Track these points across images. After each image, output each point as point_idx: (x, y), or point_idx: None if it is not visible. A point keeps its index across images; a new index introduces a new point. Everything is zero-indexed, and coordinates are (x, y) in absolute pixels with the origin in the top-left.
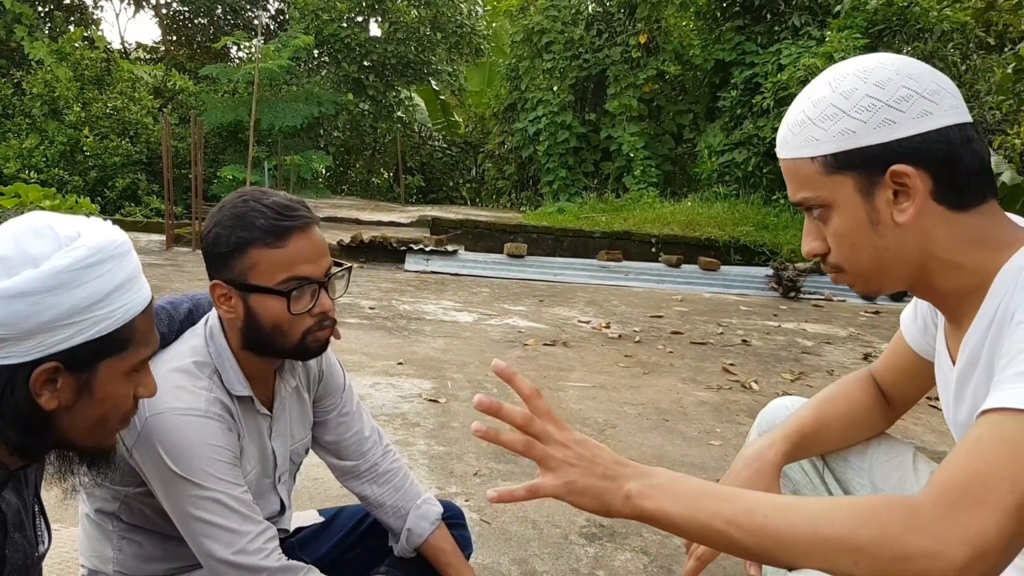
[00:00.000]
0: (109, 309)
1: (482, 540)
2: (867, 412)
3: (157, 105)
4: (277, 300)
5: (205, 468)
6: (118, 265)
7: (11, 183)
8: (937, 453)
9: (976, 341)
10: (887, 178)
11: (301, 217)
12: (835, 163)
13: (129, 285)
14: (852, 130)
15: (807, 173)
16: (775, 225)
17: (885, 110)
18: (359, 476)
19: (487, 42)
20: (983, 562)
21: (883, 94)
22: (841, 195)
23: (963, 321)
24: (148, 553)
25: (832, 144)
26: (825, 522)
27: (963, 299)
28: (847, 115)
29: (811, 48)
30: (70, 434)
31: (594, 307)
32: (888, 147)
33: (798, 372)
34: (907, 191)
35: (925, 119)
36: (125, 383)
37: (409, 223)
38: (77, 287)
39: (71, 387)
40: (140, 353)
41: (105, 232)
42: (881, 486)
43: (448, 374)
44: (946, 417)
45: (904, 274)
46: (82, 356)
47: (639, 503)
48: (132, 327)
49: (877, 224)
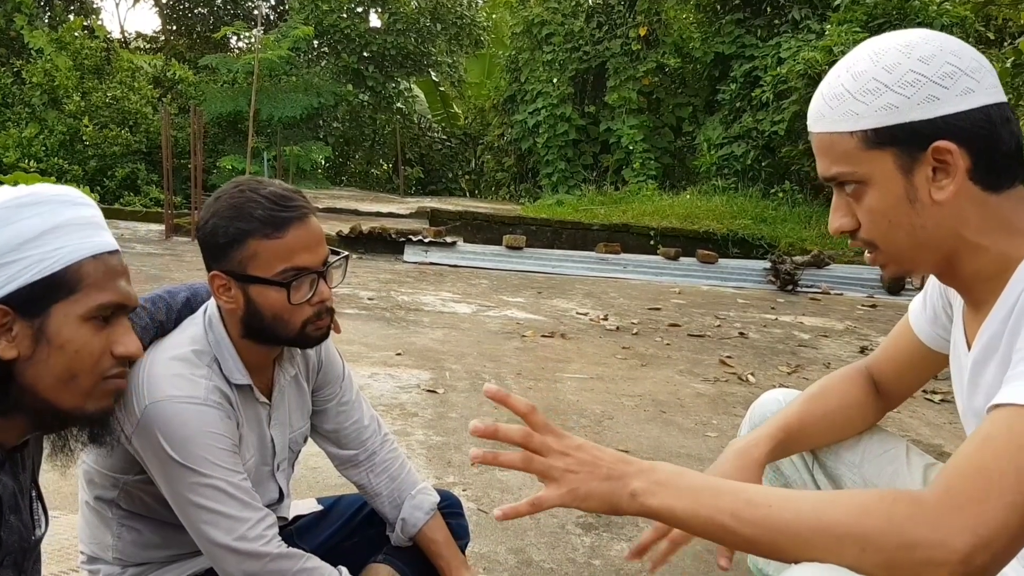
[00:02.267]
0: (46, 249)
1: (479, 529)
2: (857, 407)
3: (157, 95)
4: (277, 290)
5: (205, 455)
6: (56, 209)
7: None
8: (932, 446)
9: (994, 329)
10: (928, 154)
11: (299, 207)
12: (875, 138)
13: (72, 228)
14: (895, 105)
15: (844, 148)
16: (773, 219)
17: (930, 86)
18: (358, 465)
19: (487, 33)
20: (987, 552)
21: (927, 70)
22: (879, 171)
23: (982, 306)
24: (147, 540)
25: (873, 119)
26: (830, 511)
27: (984, 284)
28: (890, 89)
29: (811, 42)
30: (40, 390)
31: (592, 299)
32: (932, 123)
33: (795, 365)
34: (947, 168)
35: (968, 96)
36: (86, 332)
37: (408, 214)
38: (8, 225)
39: (27, 334)
40: (94, 298)
41: (55, 187)
42: (874, 480)
43: (446, 365)
44: (958, 403)
45: (935, 255)
46: (30, 298)
47: (644, 500)
48: (80, 270)
49: (915, 201)
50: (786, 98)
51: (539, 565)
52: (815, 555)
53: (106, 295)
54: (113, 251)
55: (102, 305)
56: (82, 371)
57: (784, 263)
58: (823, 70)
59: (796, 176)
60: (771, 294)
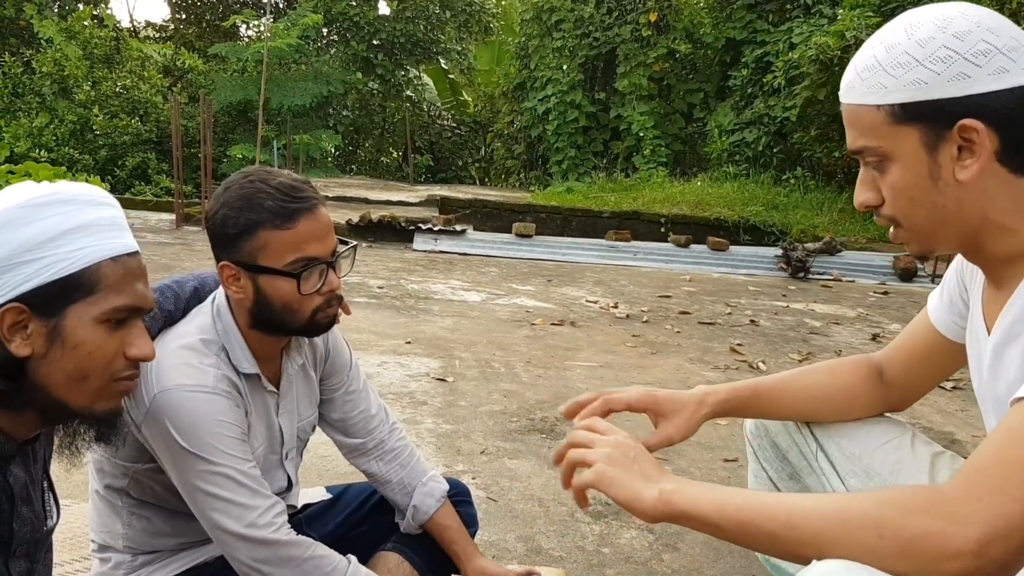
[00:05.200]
0: (67, 249)
1: (489, 517)
2: (848, 388)
3: (167, 84)
4: (287, 280)
5: (214, 443)
6: (78, 209)
7: (21, 162)
8: (943, 434)
9: (1016, 312)
10: (954, 133)
11: (309, 198)
12: (902, 113)
13: (93, 229)
14: (924, 81)
15: (871, 121)
16: (785, 205)
17: (961, 63)
18: (366, 453)
19: (496, 20)
20: (1004, 543)
21: (961, 46)
22: (904, 147)
23: (1004, 287)
24: (157, 528)
25: (902, 94)
26: (852, 504)
27: (1008, 265)
28: (921, 64)
29: (823, 27)
30: (52, 388)
31: (602, 287)
32: (960, 102)
33: (806, 352)
34: (972, 148)
35: (1001, 76)
36: (100, 334)
37: (418, 203)
38: (29, 223)
39: (41, 333)
40: (111, 300)
41: (78, 185)
42: (877, 469)
43: (456, 353)
44: (976, 389)
45: (958, 234)
46: (46, 298)
47: (670, 498)
48: (98, 272)
49: (938, 180)
50: (798, 84)
51: (548, 553)
52: (836, 548)
53: (122, 298)
54: (133, 253)
55: (118, 308)
56: (94, 372)
57: (796, 250)
58: (835, 55)
59: (808, 162)
60: (782, 281)
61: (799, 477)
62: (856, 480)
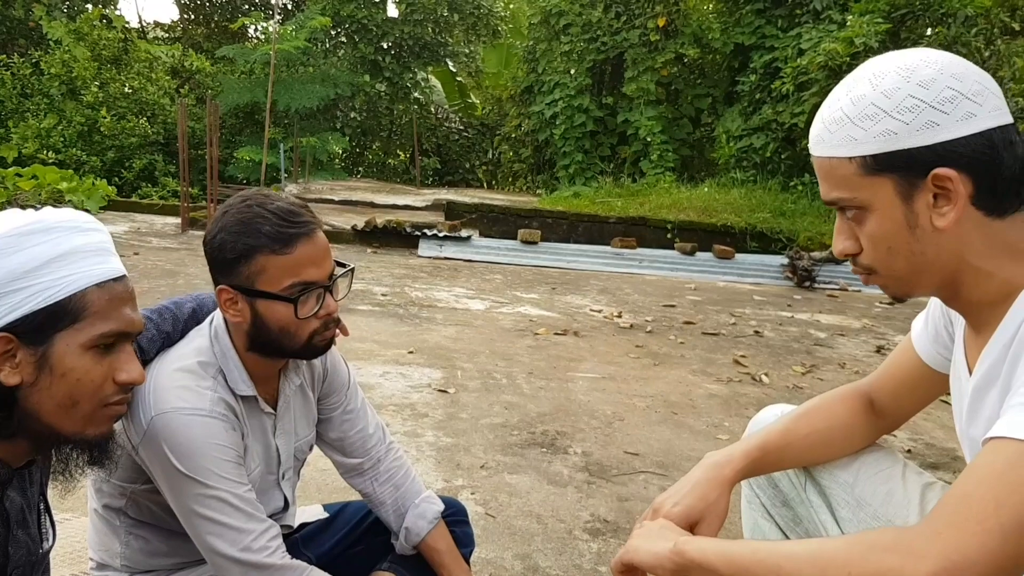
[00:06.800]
0: (53, 277)
1: (486, 534)
2: (844, 428)
3: (174, 85)
4: (284, 305)
5: (210, 467)
6: (63, 236)
7: (29, 163)
8: (946, 450)
9: (995, 356)
10: (928, 181)
11: (307, 223)
12: (875, 164)
13: (78, 256)
14: (894, 131)
15: (844, 173)
16: (792, 212)
17: (929, 112)
18: (363, 473)
19: (504, 23)
20: None
21: (927, 95)
22: (879, 197)
23: (984, 330)
24: (154, 548)
25: (872, 145)
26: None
27: (987, 308)
28: (889, 115)
29: (832, 32)
30: (43, 415)
31: (606, 295)
32: (931, 150)
33: (809, 365)
34: (948, 195)
35: (969, 121)
36: (88, 360)
37: (424, 207)
38: (15, 253)
39: (30, 361)
40: (97, 327)
41: (63, 212)
42: (868, 500)
43: (458, 363)
44: (957, 427)
45: (937, 279)
46: (33, 326)
47: (682, 548)
48: (84, 298)
49: (915, 228)
50: (806, 90)
51: (545, 571)
52: None
53: (109, 324)
54: (119, 277)
55: (104, 334)
56: (83, 398)
57: (801, 259)
58: (844, 62)
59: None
60: (788, 290)
61: (790, 505)
62: (848, 510)
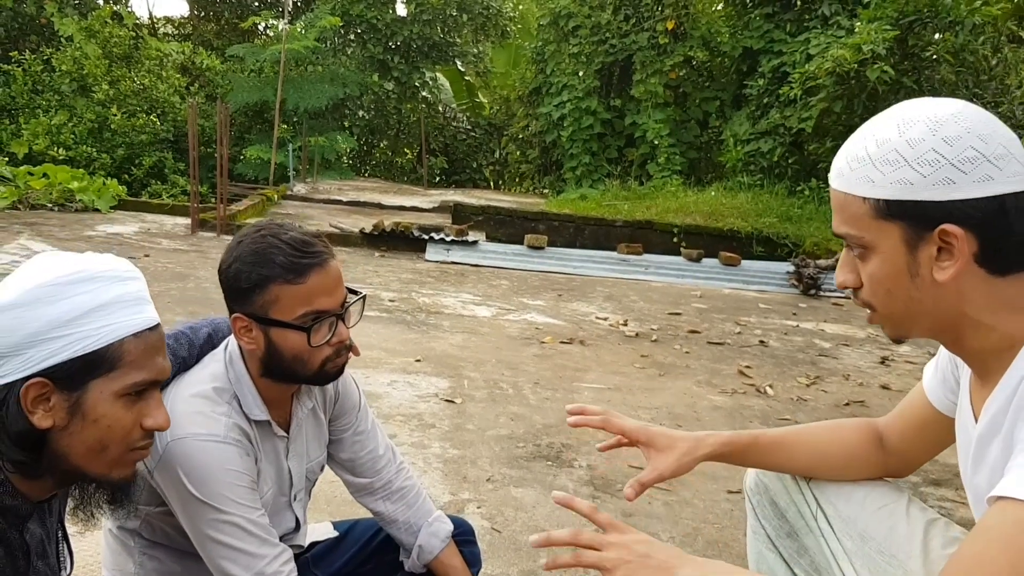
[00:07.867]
0: (93, 326)
1: (492, 550)
2: (847, 449)
3: (184, 83)
4: (297, 333)
5: (224, 493)
6: (105, 286)
7: (40, 160)
8: (947, 466)
9: (999, 406)
10: (935, 235)
11: (319, 253)
12: (887, 209)
13: (119, 307)
14: (911, 181)
15: (856, 211)
16: (799, 217)
17: (948, 168)
18: (373, 493)
19: (513, 24)
20: None
21: (950, 151)
22: (885, 241)
23: (990, 378)
24: (168, 569)
25: (887, 190)
26: None
27: (991, 357)
28: (909, 165)
29: (840, 38)
30: (72, 458)
31: (612, 302)
32: (943, 206)
33: (814, 376)
34: (951, 251)
35: (985, 184)
36: (119, 407)
37: (431, 208)
38: (58, 301)
39: (63, 406)
40: (131, 376)
41: (104, 260)
42: (871, 534)
43: (465, 372)
44: (963, 474)
45: (933, 326)
46: (69, 373)
47: None
48: (121, 348)
49: (915, 276)
50: (814, 95)
51: None
52: None
53: (143, 373)
54: (154, 326)
55: (138, 383)
56: (113, 443)
57: (807, 267)
58: (852, 68)
59: (823, 174)
60: (793, 298)
61: (796, 536)
62: (851, 543)
